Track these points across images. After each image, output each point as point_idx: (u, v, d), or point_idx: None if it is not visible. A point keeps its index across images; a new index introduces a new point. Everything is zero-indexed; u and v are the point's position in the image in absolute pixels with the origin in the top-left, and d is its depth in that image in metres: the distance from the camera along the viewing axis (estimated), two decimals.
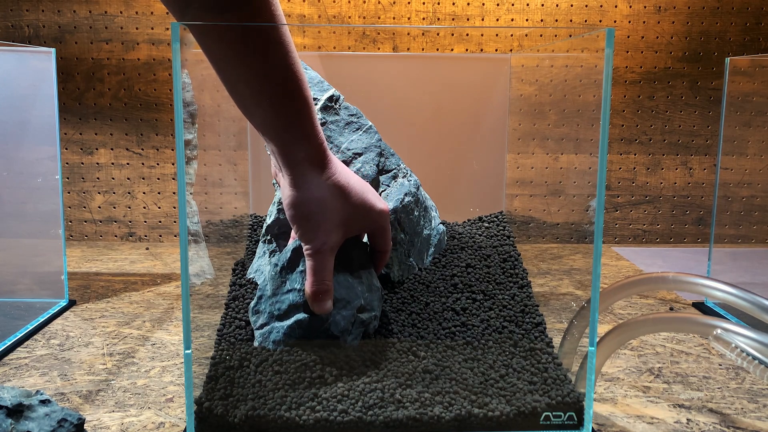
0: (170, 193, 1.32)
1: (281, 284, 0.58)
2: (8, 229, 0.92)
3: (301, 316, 0.56)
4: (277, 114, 0.52)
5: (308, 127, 0.53)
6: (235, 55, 0.50)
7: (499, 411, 0.51)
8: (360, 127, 0.69)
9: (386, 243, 0.60)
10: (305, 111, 0.53)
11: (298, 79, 0.52)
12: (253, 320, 0.58)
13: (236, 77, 0.51)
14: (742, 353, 0.51)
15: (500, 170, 0.87)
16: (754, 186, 1.30)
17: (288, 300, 0.57)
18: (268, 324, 0.57)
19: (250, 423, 0.50)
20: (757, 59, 1.23)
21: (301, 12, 1.26)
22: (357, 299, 0.57)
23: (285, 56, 0.51)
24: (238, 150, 0.85)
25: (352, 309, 0.56)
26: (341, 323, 0.56)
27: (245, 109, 0.54)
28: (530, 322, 0.62)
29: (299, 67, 0.52)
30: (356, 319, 0.57)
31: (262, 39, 0.49)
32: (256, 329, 0.58)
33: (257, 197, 0.84)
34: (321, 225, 0.55)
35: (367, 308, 0.58)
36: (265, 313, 0.57)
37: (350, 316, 0.56)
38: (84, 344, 0.77)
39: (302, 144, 0.53)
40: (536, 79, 0.94)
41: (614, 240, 1.35)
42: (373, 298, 0.59)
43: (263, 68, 0.50)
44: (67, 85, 1.27)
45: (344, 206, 0.55)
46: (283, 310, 0.57)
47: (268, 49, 0.50)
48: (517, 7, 1.27)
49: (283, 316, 0.56)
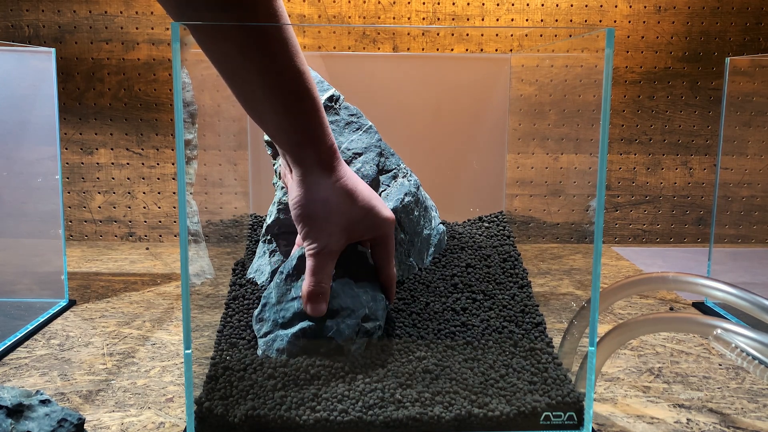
0: (170, 193, 1.32)
1: (286, 292, 0.57)
2: (8, 229, 0.92)
3: (305, 324, 0.55)
4: (286, 115, 0.52)
5: (318, 129, 0.53)
6: (239, 54, 0.49)
7: (499, 411, 0.51)
8: (360, 127, 0.69)
9: (388, 254, 0.59)
10: (314, 112, 0.53)
11: (306, 79, 0.52)
12: (257, 328, 0.58)
13: (241, 77, 0.51)
14: (742, 353, 0.51)
15: (500, 170, 0.87)
16: (754, 186, 1.30)
17: (293, 308, 0.56)
18: (272, 332, 0.57)
19: (250, 423, 0.50)
20: (757, 59, 1.23)
21: (301, 12, 1.26)
22: (361, 308, 0.57)
23: (292, 56, 0.50)
24: (238, 150, 0.85)
25: (356, 318, 0.56)
26: (345, 332, 0.55)
27: (252, 111, 0.53)
28: (530, 322, 0.62)
29: (306, 66, 0.52)
30: (360, 328, 0.56)
31: (268, 38, 0.49)
32: (260, 337, 0.57)
33: (257, 197, 0.84)
34: (325, 227, 0.55)
35: (371, 317, 0.57)
36: (269, 321, 0.57)
37: (354, 325, 0.56)
38: (84, 344, 0.77)
39: (312, 145, 0.53)
40: (536, 79, 0.94)
41: (614, 240, 1.35)
42: (378, 308, 0.58)
43: (271, 68, 0.50)
44: (67, 85, 1.27)
45: (350, 210, 0.55)
46: (288, 318, 0.56)
47: (275, 49, 0.49)
48: (517, 7, 1.27)
49: (287, 324, 0.56)
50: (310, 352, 0.55)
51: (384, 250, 0.59)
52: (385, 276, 0.60)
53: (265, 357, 0.56)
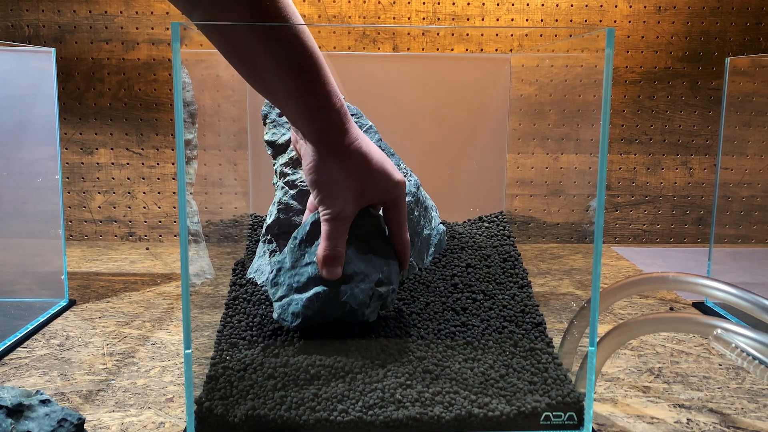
0: (170, 193, 1.32)
1: (300, 257, 0.58)
2: (8, 229, 0.92)
3: (320, 289, 0.56)
4: (294, 81, 0.52)
5: (325, 93, 0.53)
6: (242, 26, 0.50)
7: (499, 411, 0.51)
8: (360, 127, 0.69)
9: (401, 217, 0.59)
10: (320, 76, 0.52)
11: (309, 46, 0.52)
12: (272, 292, 0.59)
13: (243, 46, 0.51)
14: (742, 353, 0.51)
15: (500, 170, 0.87)
16: (754, 186, 1.30)
17: (307, 273, 0.57)
18: (288, 296, 0.57)
19: (250, 423, 0.50)
20: (757, 59, 1.23)
21: (301, 12, 1.26)
22: (375, 273, 0.57)
23: (291, 22, 0.50)
24: (238, 150, 0.85)
25: (370, 282, 0.57)
26: (359, 296, 0.56)
27: (257, 82, 0.54)
28: (530, 322, 0.62)
29: (308, 34, 0.52)
30: (374, 293, 0.57)
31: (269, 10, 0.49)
32: (275, 301, 0.58)
33: (257, 197, 0.84)
34: (340, 192, 0.55)
35: (384, 282, 0.58)
36: (284, 285, 0.58)
37: (368, 289, 0.56)
38: (84, 344, 0.77)
39: (321, 110, 0.53)
40: (536, 79, 0.94)
41: (614, 240, 1.35)
42: (391, 272, 0.59)
43: (270, 34, 0.50)
44: (67, 85, 1.27)
45: (364, 173, 0.55)
46: (302, 282, 0.57)
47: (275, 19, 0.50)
48: (517, 7, 1.27)
49: (302, 288, 0.57)
50: (324, 317, 0.56)
51: (396, 213, 0.59)
52: (399, 240, 0.60)
53: (280, 321, 0.57)
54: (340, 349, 0.56)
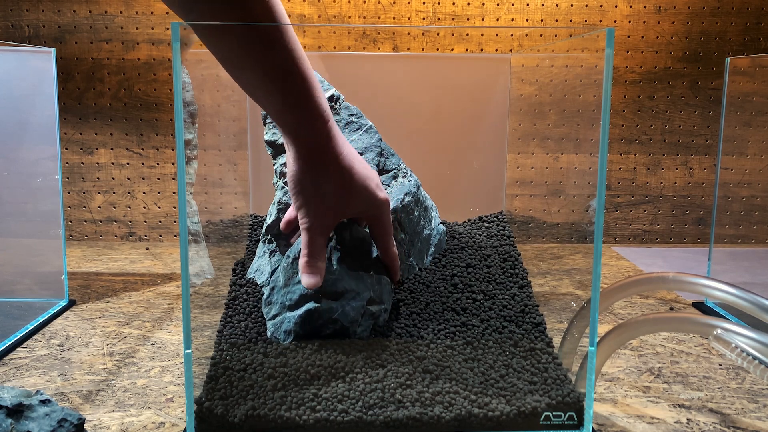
0: (170, 193, 1.32)
1: (293, 275, 0.58)
2: (8, 229, 0.92)
3: (311, 306, 0.56)
4: (280, 92, 0.52)
5: (312, 106, 0.53)
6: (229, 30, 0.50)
7: (499, 411, 0.51)
8: (360, 127, 0.69)
9: (385, 233, 0.60)
10: (306, 89, 0.53)
11: (297, 57, 0.52)
12: (265, 311, 0.59)
13: (236, 57, 0.51)
14: (742, 353, 0.51)
15: (500, 170, 0.87)
16: (754, 186, 1.30)
17: (299, 290, 0.57)
18: (280, 314, 0.58)
19: (250, 423, 0.50)
20: (757, 59, 1.23)
21: (301, 12, 1.26)
22: (366, 291, 0.58)
23: (282, 36, 0.51)
24: (238, 150, 0.85)
25: (361, 300, 0.57)
26: (350, 314, 0.56)
27: (248, 90, 0.54)
28: (530, 322, 0.62)
29: (298, 46, 0.52)
30: (366, 311, 0.57)
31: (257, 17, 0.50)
32: (269, 320, 0.59)
33: (257, 197, 0.84)
34: (317, 203, 0.56)
35: (376, 300, 0.58)
36: (277, 303, 0.58)
37: (359, 307, 0.57)
38: (84, 344, 0.77)
39: (306, 123, 0.53)
40: (536, 79, 0.94)
41: (614, 240, 1.35)
42: (383, 291, 0.59)
43: (261, 43, 0.50)
44: (67, 85, 1.27)
45: (343, 189, 0.56)
46: (294, 300, 0.57)
47: (266, 29, 0.50)
48: (517, 7, 1.27)
49: (294, 306, 0.57)
50: (316, 334, 0.56)
51: (380, 229, 0.60)
52: (386, 255, 0.61)
53: (273, 339, 0.57)
54: (340, 349, 0.56)
